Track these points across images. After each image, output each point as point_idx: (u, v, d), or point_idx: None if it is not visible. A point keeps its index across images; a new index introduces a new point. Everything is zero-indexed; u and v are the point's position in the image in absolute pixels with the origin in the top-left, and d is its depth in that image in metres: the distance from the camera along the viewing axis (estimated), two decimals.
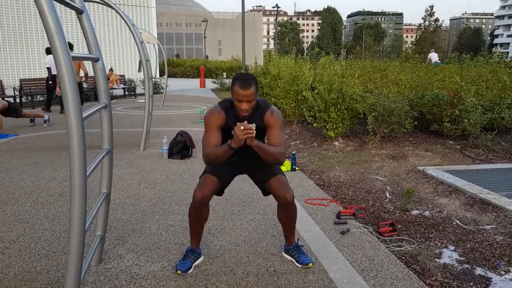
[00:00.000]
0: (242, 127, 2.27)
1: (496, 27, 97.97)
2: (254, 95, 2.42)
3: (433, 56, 16.26)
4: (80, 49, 17.96)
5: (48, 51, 11.10)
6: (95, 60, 2.40)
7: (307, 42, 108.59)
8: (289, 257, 2.79)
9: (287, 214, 2.66)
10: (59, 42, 1.69)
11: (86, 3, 2.22)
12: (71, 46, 8.62)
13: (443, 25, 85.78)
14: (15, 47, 17.61)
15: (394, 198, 4.25)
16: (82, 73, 10.78)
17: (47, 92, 11.30)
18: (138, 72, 17.41)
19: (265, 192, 2.77)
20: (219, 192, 2.74)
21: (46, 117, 8.66)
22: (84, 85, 12.13)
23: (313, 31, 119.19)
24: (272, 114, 2.55)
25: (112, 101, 13.17)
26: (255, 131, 2.31)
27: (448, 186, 4.53)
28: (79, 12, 2.17)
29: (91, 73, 12.75)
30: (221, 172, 2.62)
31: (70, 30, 18.39)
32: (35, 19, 17.85)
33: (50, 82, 10.95)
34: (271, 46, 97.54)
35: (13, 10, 17.52)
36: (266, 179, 2.62)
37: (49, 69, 10.90)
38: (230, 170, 2.68)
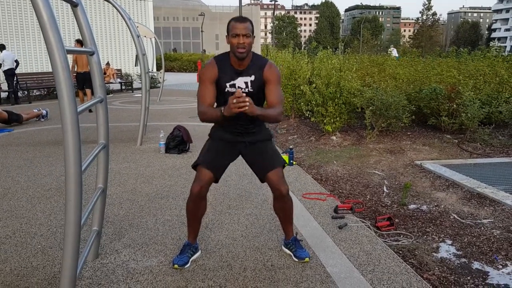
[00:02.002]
0: (235, 100, 2.19)
1: (493, 21, 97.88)
2: (251, 32, 2.37)
3: (394, 52, 17.91)
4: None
5: (2, 47, 11.73)
6: (90, 54, 2.37)
7: (304, 36, 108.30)
8: (288, 251, 2.79)
9: (282, 206, 2.67)
10: (53, 35, 1.66)
11: None
12: (81, 42, 8.78)
13: (441, 19, 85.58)
14: (11, 41, 17.48)
15: (392, 192, 4.25)
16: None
17: None
18: (135, 66, 17.35)
19: (263, 180, 2.73)
20: (215, 180, 2.71)
21: (44, 112, 8.62)
22: None
23: (310, 25, 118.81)
24: (271, 68, 2.51)
25: (108, 96, 13.17)
26: (248, 104, 2.19)
27: (445, 180, 4.53)
28: (74, 5, 2.15)
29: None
30: (215, 164, 2.58)
31: (67, 24, 18.26)
32: (31, 13, 17.71)
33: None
34: (269, 40, 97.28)
35: (8, 5, 17.38)
36: (264, 171, 2.60)
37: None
38: (223, 160, 2.63)
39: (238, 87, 2.45)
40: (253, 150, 2.62)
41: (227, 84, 2.46)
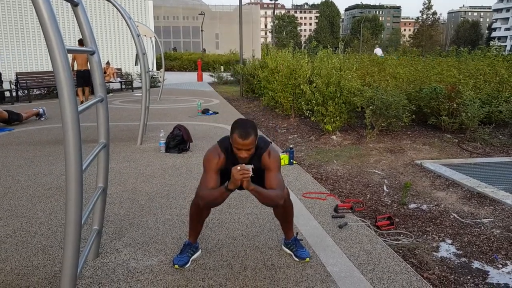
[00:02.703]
0: (238, 167, 2.26)
1: (494, 20, 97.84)
2: (253, 144, 2.38)
3: (378, 51, 19.01)
4: (76, 42, 17.83)
5: None
6: (91, 53, 2.37)
7: (304, 36, 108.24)
8: (288, 251, 2.79)
9: (283, 211, 2.67)
10: (53, 34, 1.66)
11: None
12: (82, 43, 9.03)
13: (441, 18, 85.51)
14: (11, 40, 17.48)
15: (392, 191, 4.25)
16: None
17: None
18: (135, 65, 17.34)
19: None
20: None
21: (41, 110, 8.59)
22: None
23: (310, 24, 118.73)
24: (269, 156, 2.50)
25: (109, 95, 13.19)
26: (251, 173, 2.27)
27: (445, 179, 4.53)
28: (75, 4, 2.15)
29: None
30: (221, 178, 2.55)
31: (67, 23, 18.26)
32: (31, 13, 17.70)
33: None
34: (269, 39, 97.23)
35: (9, 4, 17.37)
36: (262, 183, 2.56)
37: None
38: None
39: None
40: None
41: (231, 169, 2.45)
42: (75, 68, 10.39)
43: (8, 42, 17.39)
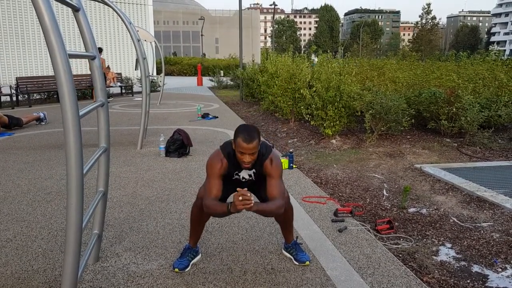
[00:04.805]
0: (240, 198, 2.22)
1: (493, 25, 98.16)
2: (257, 148, 2.38)
3: (315, 59, 19.16)
4: (77, 47, 17.90)
5: None
6: (91, 58, 2.39)
7: (304, 40, 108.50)
8: (288, 255, 2.79)
9: (284, 216, 2.66)
10: (54, 39, 1.68)
11: (82, 1, 2.21)
12: (100, 50, 9.01)
13: (440, 23, 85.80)
14: (11, 45, 17.52)
15: (391, 195, 4.26)
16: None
17: None
18: (135, 70, 17.38)
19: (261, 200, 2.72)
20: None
21: (41, 115, 8.59)
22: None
23: (310, 29, 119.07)
24: (271, 164, 2.50)
25: (109, 99, 13.23)
26: (253, 202, 2.24)
27: (445, 183, 4.54)
28: (76, 9, 2.16)
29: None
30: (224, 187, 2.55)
31: (67, 28, 18.31)
32: (31, 17, 17.76)
33: None
34: (269, 44, 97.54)
35: (9, 8, 17.43)
36: (263, 188, 2.58)
37: None
38: (232, 189, 2.61)
39: (243, 177, 2.56)
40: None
41: (234, 173, 2.56)
42: None
43: (8, 46, 17.42)
